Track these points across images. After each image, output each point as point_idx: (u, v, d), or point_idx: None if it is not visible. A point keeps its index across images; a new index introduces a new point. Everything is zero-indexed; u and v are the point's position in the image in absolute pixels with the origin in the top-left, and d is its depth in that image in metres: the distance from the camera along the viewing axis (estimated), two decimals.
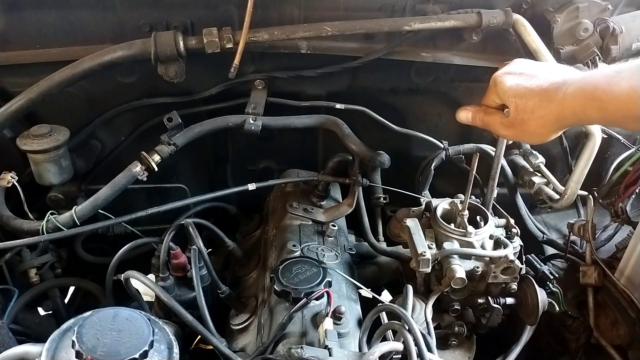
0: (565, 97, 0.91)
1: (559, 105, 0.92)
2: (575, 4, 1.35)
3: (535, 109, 0.95)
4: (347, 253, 1.38)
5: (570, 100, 0.90)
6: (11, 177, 1.34)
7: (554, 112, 0.93)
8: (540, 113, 0.95)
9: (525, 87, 0.97)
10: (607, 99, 0.85)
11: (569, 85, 0.91)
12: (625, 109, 0.83)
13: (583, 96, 0.89)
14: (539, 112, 0.95)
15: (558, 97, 0.92)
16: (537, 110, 0.95)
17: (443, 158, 1.51)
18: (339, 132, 1.40)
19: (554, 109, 0.93)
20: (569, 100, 0.90)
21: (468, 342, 1.32)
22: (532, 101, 0.95)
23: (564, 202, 1.40)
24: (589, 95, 0.87)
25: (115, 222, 1.35)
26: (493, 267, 1.21)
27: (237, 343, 1.23)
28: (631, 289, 1.30)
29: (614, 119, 0.88)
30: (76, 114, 1.46)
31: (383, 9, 1.35)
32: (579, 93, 0.89)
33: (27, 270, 1.45)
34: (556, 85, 0.93)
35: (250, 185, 1.38)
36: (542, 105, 0.94)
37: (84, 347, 0.81)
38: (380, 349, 0.94)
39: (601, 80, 0.86)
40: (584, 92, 0.89)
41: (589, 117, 0.93)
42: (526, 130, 0.98)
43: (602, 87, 0.86)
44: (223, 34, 1.27)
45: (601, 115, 0.89)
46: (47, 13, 1.29)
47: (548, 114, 0.94)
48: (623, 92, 0.82)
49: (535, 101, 0.95)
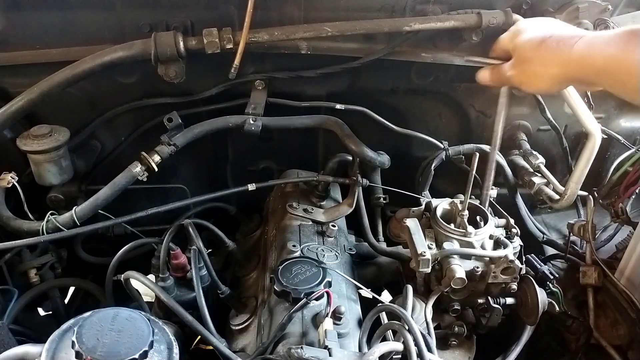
0: (577, 46, 0.94)
1: (568, 53, 0.96)
2: (575, 4, 1.35)
3: (543, 48, 0.99)
4: (347, 253, 1.38)
5: (578, 53, 0.94)
6: (11, 177, 1.34)
7: (561, 57, 0.97)
8: (546, 54, 0.99)
9: (539, 36, 1.02)
10: (613, 67, 0.89)
11: (582, 39, 0.95)
12: (628, 79, 0.87)
13: (591, 54, 0.93)
14: (545, 54, 0.99)
15: (569, 44, 0.96)
16: (544, 51, 0.99)
17: (443, 158, 1.51)
18: (339, 132, 1.40)
19: (561, 53, 0.97)
20: (577, 52, 0.94)
21: (468, 342, 1.32)
22: (542, 44, 1.00)
23: (564, 202, 1.40)
24: (597, 54, 0.92)
25: (115, 223, 1.35)
26: (493, 267, 1.21)
27: (237, 343, 1.23)
28: (631, 289, 1.30)
29: (618, 88, 0.93)
30: (76, 115, 1.46)
31: (383, 10, 1.35)
32: (588, 50, 0.93)
33: (27, 271, 1.45)
34: (569, 36, 0.97)
35: (250, 186, 1.39)
36: (550, 47, 0.98)
37: (84, 348, 0.81)
38: (380, 349, 0.94)
39: (613, 46, 0.89)
40: (593, 50, 0.93)
41: (592, 76, 0.97)
42: (529, 69, 1.04)
43: (610, 52, 0.89)
44: (223, 35, 1.27)
45: (605, 80, 0.94)
46: (47, 13, 1.29)
47: (553, 57, 0.98)
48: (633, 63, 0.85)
49: (545, 44, 0.99)
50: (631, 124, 1.68)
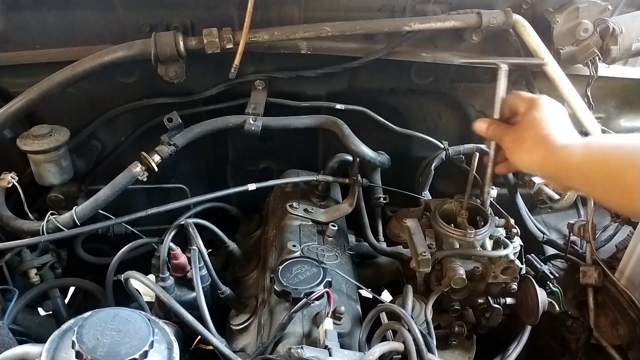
0: (565, 150, 0.95)
1: (557, 161, 0.96)
2: (575, 4, 1.35)
3: (536, 147, 1.00)
4: (347, 253, 1.38)
5: (565, 156, 0.95)
6: (11, 177, 1.34)
7: (551, 163, 0.97)
8: (539, 153, 0.99)
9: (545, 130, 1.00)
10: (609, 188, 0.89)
11: (577, 150, 0.94)
12: (623, 201, 0.87)
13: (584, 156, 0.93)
14: (538, 153, 0.99)
15: (556, 145, 0.97)
16: (537, 151, 1.00)
17: (443, 158, 1.51)
18: (339, 132, 1.40)
19: (552, 160, 0.97)
20: (572, 169, 0.95)
21: (468, 342, 1.32)
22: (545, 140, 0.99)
23: (564, 202, 1.40)
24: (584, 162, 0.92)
25: (115, 223, 1.35)
26: (493, 267, 1.21)
27: (237, 343, 1.23)
28: (631, 289, 1.30)
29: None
30: (76, 114, 1.46)
31: (383, 10, 1.35)
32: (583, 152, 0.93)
33: (28, 271, 1.45)
34: (559, 139, 0.97)
35: (250, 186, 1.38)
36: (545, 150, 0.98)
37: (84, 347, 0.81)
38: (380, 349, 0.94)
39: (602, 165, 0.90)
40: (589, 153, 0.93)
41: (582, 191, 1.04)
42: (517, 148, 1.04)
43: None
44: (223, 35, 1.27)
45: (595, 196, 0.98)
46: (47, 13, 1.29)
47: (544, 159, 0.98)
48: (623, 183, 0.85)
49: (544, 145, 0.99)
50: (631, 124, 1.68)
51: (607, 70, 1.46)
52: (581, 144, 0.95)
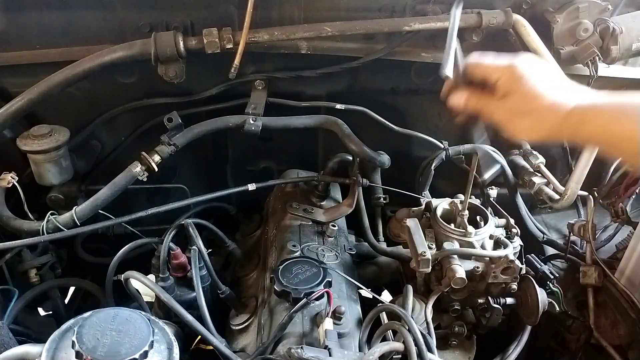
0: (570, 117, 0.93)
1: (561, 122, 0.94)
2: (575, 4, 1.35)
3: (535, 112, 0.96)
4: (347, 253, 1.38)
5: (571, 123, 0.93)
6: (11, 177, 1.34)
7: (552, 124, 0.95)
8: (538, 116, 0.96)
9: (539, 92, 0.96)
10: (609, 137, 0.90)
11: (576, 110, 0.93)
12: (625, 148, 0.87)
13: (585, 123, 0.92)
14: (538, 116, 0.96)
15: (562, 114, 0.93)
16: (537, 115, 0.96)
17: (443, 158, 1.51)
18: (339, 132, 1.40)
19: (554, 121, 0.94)
20: (571, 122, 0.93)
21: (468, 342, 1.32)
22: (538, 109, 0.96)
23: (564, 202, 1.40)
24: (591, 128, 0.91)
25: (116, 223, 1.35)
26: (493, 267, 1.21)
27: (237, 343, 1.23)
28: (631, 289, 1.30)
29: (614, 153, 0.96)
30: (76, 114, 1.46)
31: (383, 10, 1.35)
32: (582, 119, 0.92)
33: (28, 271, 1.45)
34: (563, 106, 0.94)
35: (250, 186, 1.39)
36: (543, 114, 0.95)
37: (84, 347, 0.81)
38: (380, 349, 0.94)
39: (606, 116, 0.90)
40: (587, 120, 0.92)
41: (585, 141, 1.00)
42: (523, 122, 0.98)
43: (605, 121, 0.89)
44: (223, 34, 1.27)
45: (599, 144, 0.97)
46: (48, 13, 1.29)
47: (545, 122, 0.95)
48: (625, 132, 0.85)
49: (540, 109, 0.95)
50: None
51: (607, 70, 1.46)
52: (591, 104, 0.93)
